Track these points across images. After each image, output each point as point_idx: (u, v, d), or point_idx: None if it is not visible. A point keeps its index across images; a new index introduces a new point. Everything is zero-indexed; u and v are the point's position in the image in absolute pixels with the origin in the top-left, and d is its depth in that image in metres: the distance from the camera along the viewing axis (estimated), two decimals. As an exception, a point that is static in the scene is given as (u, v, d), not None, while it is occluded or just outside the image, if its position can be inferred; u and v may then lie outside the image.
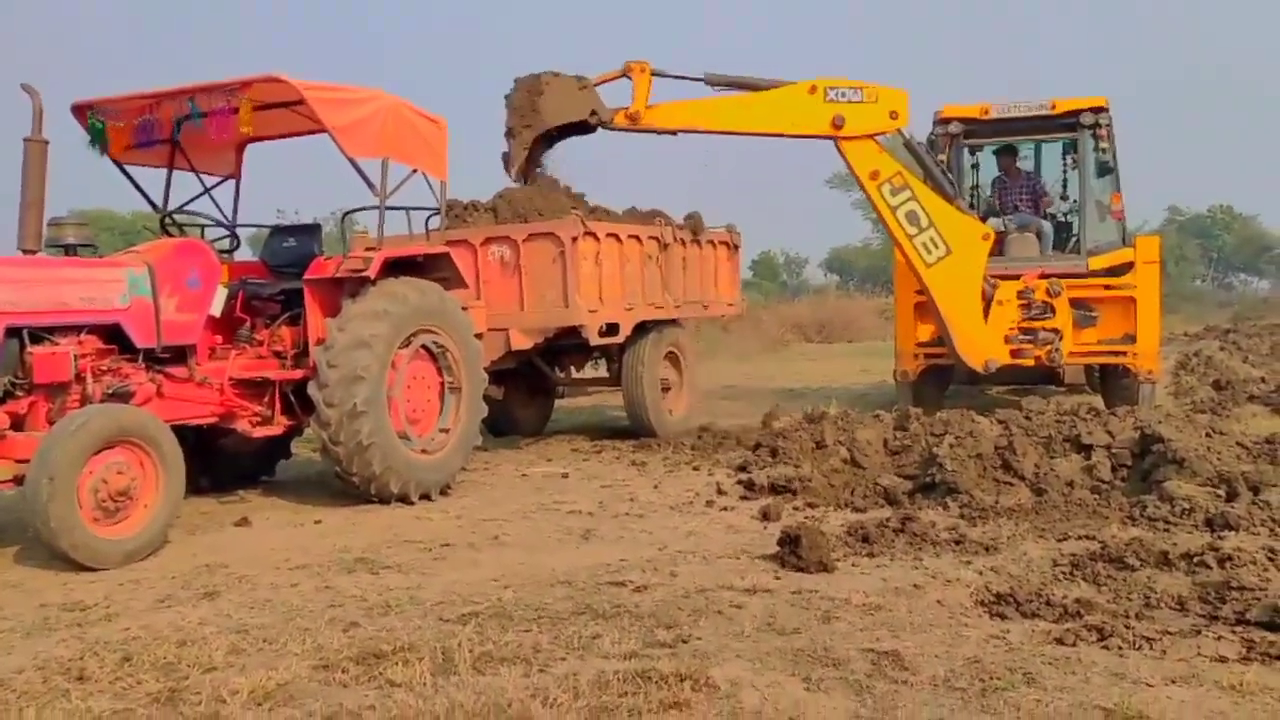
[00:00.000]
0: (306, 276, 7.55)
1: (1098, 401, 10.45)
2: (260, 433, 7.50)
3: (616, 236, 9.75)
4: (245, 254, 8.80)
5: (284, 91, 7.31)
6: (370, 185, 7.59)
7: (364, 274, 7.39)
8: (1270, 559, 4.97)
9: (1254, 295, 41.90)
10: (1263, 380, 11.95)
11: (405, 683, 3.87)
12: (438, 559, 5.91)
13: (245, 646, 4.38)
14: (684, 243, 10.80)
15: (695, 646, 4.22)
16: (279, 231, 8.71)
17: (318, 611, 4.87)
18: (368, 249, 7.74)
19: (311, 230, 8.61)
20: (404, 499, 7.47)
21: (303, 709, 3.67)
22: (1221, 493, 6.36)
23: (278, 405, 7.52)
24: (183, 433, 6.71)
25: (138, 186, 8.02)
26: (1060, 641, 4.14)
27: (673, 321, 10.73)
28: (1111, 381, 10.65)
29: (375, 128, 7.52)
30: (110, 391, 6.54)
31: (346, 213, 9.02)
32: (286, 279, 7.88)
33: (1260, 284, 52.88)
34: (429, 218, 8.56)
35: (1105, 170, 10.65)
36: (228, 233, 8.30)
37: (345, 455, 7.20)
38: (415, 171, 8.02)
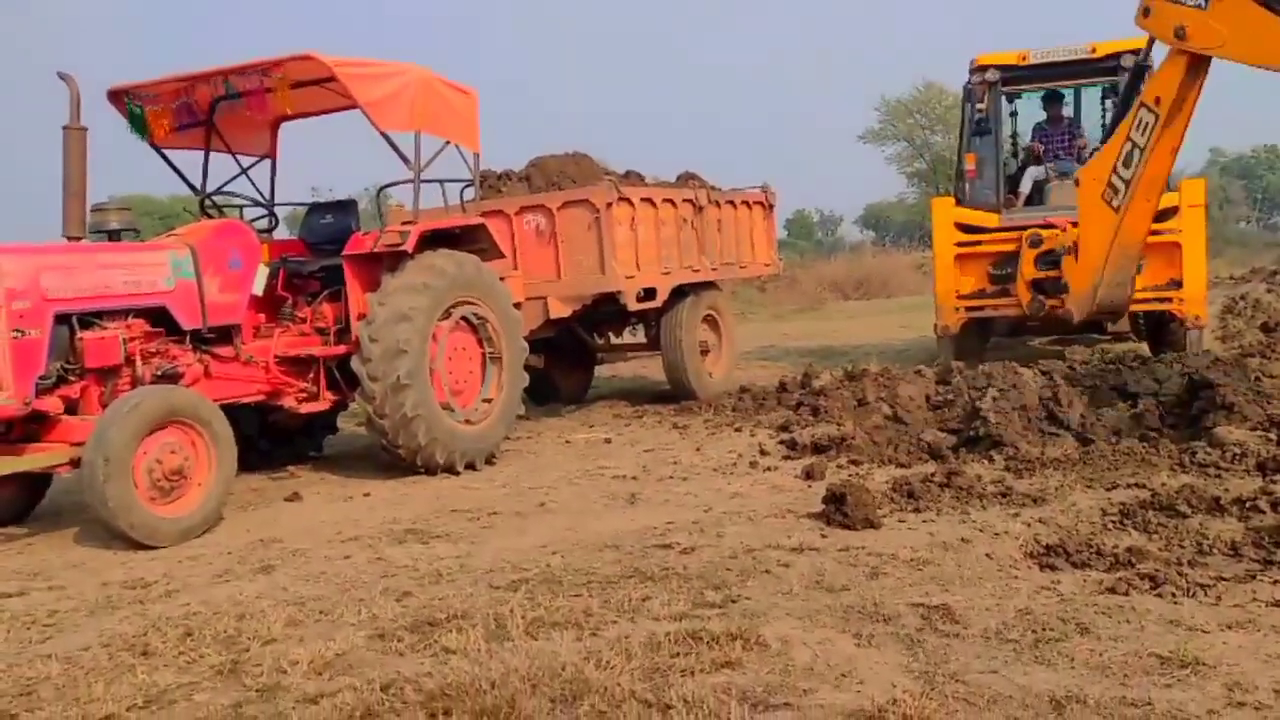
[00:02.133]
0: (345, 252, 7.60)
1: (1144, 349, 10.32)
2: (306, 408, 7.60)
3: (651, 201, 9.72)
4: (283, 232, 8.89)
5: (315, 69, 7.33)
6: (404, 159, 7.61)
7: (402, 248, 7.44)
8: (1325, 502, 4.91)
9: (1301, 235, 41.07)
10: (1313, 321, 11.71)
11: (460, 649, 3.93)
12: (486, 527, 5.97)
13: (302, 618, 4.47)
14: (719, 204, 10.74)
15: (744, 606, 4.24)
16: (316, 209, 8.78)
17: (371, 582, 4.95)
18: (404, 223, 7.78)
19: (348, 206, 8.67)
20: (450, 469, 7.55)
21: (362, 677, 3.74)
22: (1273, 436, 6.27)
23: (322, 381, 7.61)
24: (232, 412, 6.81)
25: (177, 170, 8.10)
26: (1112, 591, 4.12)
27: (710, 284, 10.70)
28: (1158, 328, 10.50)
29: (406, 101, 7.53)
30: (159, 373, 6.65)
31: (382, 187, 9.06)
32: (325, 256, 7.95)
33: (1308, 223, 51.83)
34: (463, 189, 8.58)
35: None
36: (266, 212, 8.37)
37: (391, 428, 7.28)
38: (448, 144, 8.03)
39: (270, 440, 8.28)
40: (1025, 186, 11.05)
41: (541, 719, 3.30)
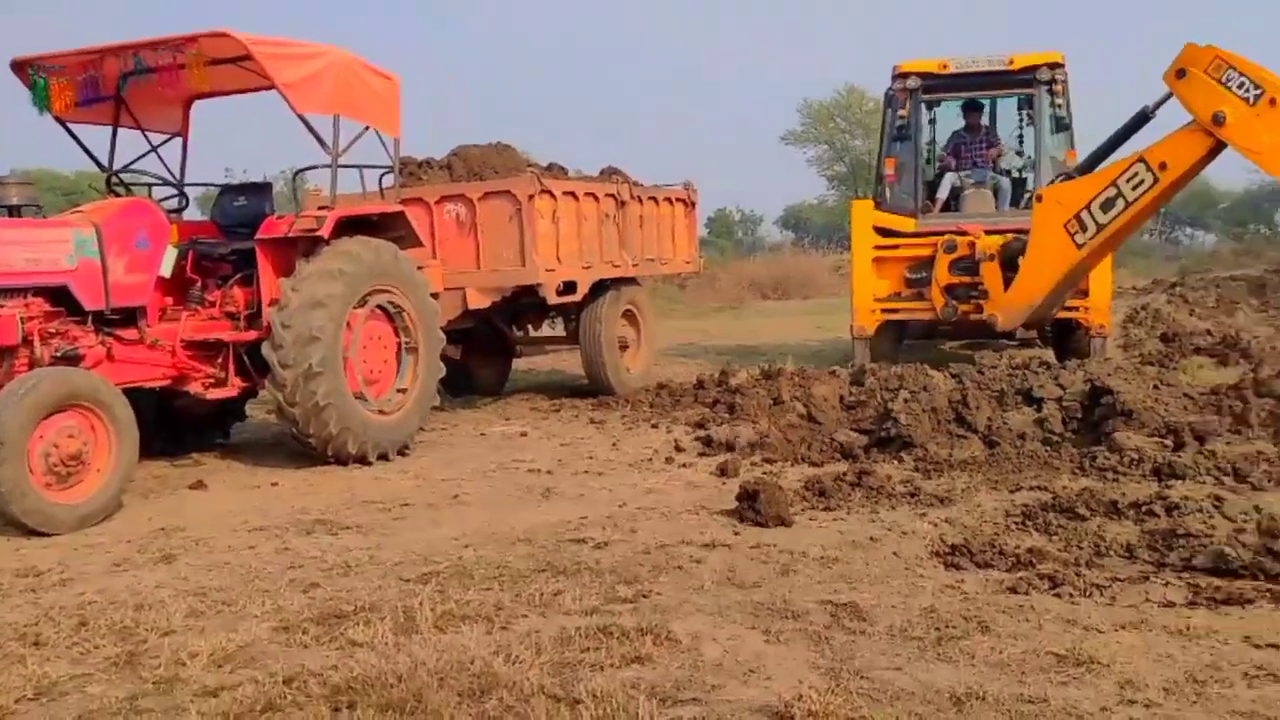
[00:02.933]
0: (258, 236, 7.43)
1: (1049, 355, 10.60)
2: (214, 395, 7.41)
3: (573, 194, 9.68)
4: (194, 214, 8.65)
5: (231, 47, 7.14)
6: (322, 143, 7.47)
7: (317, 233, 7.30)
8: (1215, 507, 5.09)
9: (1200, 249, 42.56)
10: (1208, 333, 12.14)
11: (367, 642, 3.88)
12: (397, 519, 5.90)
13: (204, 609, 4.36)
14: (641, 200, 10.75)
15: (656, 601, 4.26)
16: (229, 190, 8.56)
17: (277, 573, 4.85)
18: (321, 208, 7.63)
19: (262, 189, 8.47)
20: (362, 460, 7.44)
21: (264, 670, 3.66)
22: (1169, 443, 6.49)
23: (231, 367, 7.43)
24: (135, 396, 6.62)
25: (82, 145, 7.84)
26: (1013, 590, 4.23)
27: (630, 280, 10.70)
28: (1064, 335, 10.79)
29: (326, 84, 7.39)
30: (59, 354, 6.42)
31: (298, 171, 8.89)
32: (237, 239, 7.76)
33: (1207, 238, 53.66)
34: (382, 176, 8.46)
35: (1060, 126, 10.72)
36: (176, 192, 8.14)
37: (301, 416, 7.15)
38: (368, 129, 7.91)
39: (175, 426, 8.06)
40: (942, 193, 11.27)
41: (449, 713, 3.26)
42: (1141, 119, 8.47)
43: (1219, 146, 7.83)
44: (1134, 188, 8.19)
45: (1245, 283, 20.36)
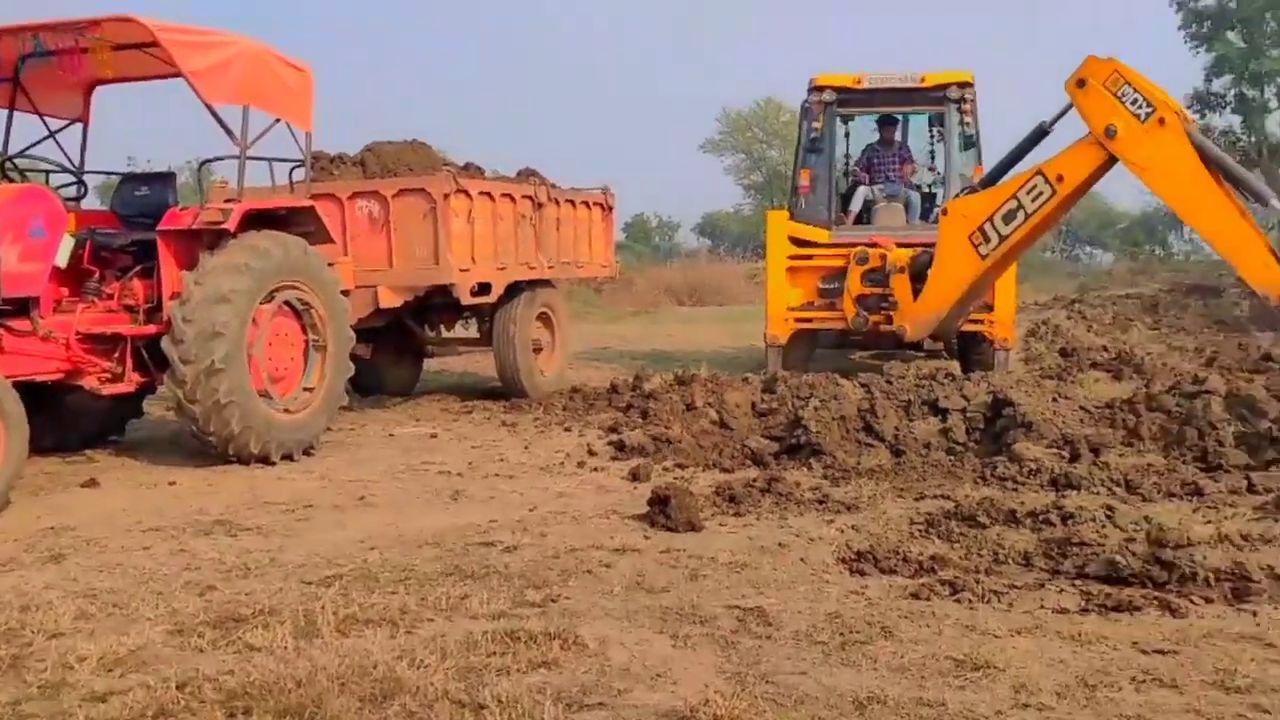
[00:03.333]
0: (161, 227, 7.23)
1: (955, 367, 10.84)
2: (110, 390, 7.18)
3: (489, 195, 9.61)
4: (93, 202, 8.38)
5: (136, 32, 6.95)
6: (230, 134, 7.31)
7: (223, 226, 7.12)
8: (1108, 516, 5.24)
9: (1099, 267, 43.97)
10: (1104, 348, 12.53)
11: (265, 647, 3.79)
12: (300, 520, 5.78)
13: (94, 611, 4.22)
14: (558, 203, 10.72)
15: (564, 606, 4.24)
16: (130, 179, 8.31)
17: (172, 575, 4.72)
18: (227, 200, 7.45)
19: (166, 179, 8.24)
20: (264, 459, 7.27)
21: (156, 675, 3.55)
22: (1065, 454, 6.68)
23: (129, 362, 7.20)
24: (27, 390, 6.37)
25: (-26, 127, 7.54)
26: (915, 596, 4.30)
27: (546, 282, 10.66)
28: (969, 348, 11.03)
29: (235, 73, 7.23)
30: (-55, 345, 6.16)
31: (204, 162, 8.65)
32: (138, 229, 7.53)
33: (1105, 257, 55.45)
34: (293, 170, 8.29)
35: (969, 144, 10.97)
36: (74, 179, 7.89)
37: (202, 414, 6.96)
38: (278, 121, 7.75)
39: (68, 422, 7.78)
40: (855, 205, 11.46)
41: (349, 718, 3.20)
42: (1039, 134, 8.76)
43: (1112, 159, 8.13)
44: (1033, 199, 8.48)
45: (1139, 301, 21.10)
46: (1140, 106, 7.80)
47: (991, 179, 9.04)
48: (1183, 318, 18.15)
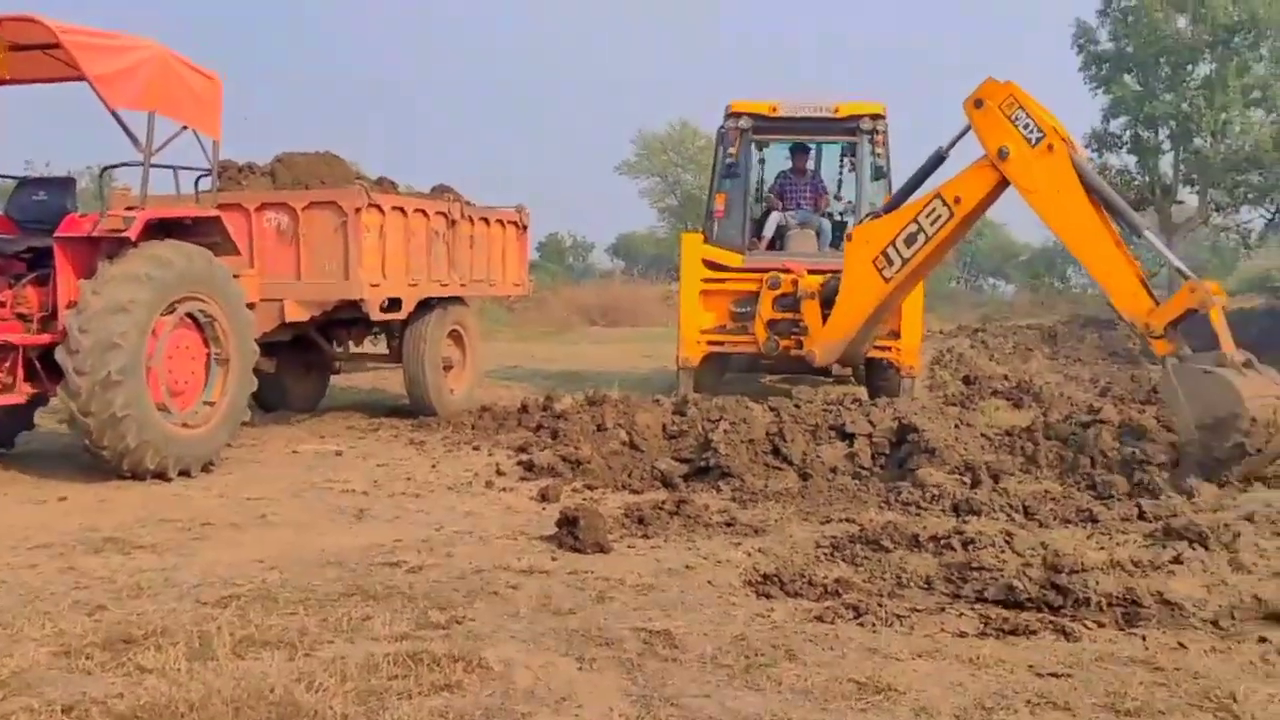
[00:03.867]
0: (58, 234, 7.00)
1: (862, 392, 11.02)
2: (-1, 401, 6.91)
3: (402, 210, 9.51)
4: (-14, 206, 8.07)
5: (38, 33, 6.74)
6: (134, 140, 7.12)
7: (124, 234, 6.92)
8: (1007, 542, 5.37)
9: (1001, 298, 45.25)
10: (1005, 377, 12.87)
11: (157, 669, 3.67)
12: (197, 539, 5.62)
13: (-25, 632, 4.03)
14: (472, 220, 10.66)
15: (469, 628, 4.18)
16: (27, 184, 8.04)
17: (60, 594, 4.54)
18: (129, 208, 7.25)
19: (65, 184, 7.99)
20: (161, 475, 7.05)
21: (41, 698, 3.41)
22: (967, 480, 6.83)
23: (20, 371, 6.94)
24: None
25: None
26: (820, 619, 4.35)
27: (458, 299, 10.58)
28: (876, 374, 11.24)
29: (142, 79, 7.05)
30: None
31: (106, 168, 8.41)
32: (34, 235, 7.28)
33: (1007, 288, 57.09)
34: (199, 179, 8.11)
35: (879, 174, 11.21)
36: (-33, 182, 7.60)
37: (96, 427, 6.73)
38: (185, 129, 7.58)
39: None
40: (769, 231, 11.62)
41: (242, 744, 3.11)
42: (937, 159, 9.02)
43: (1005, 182, 8.40)
44: (933, 222, 8.73)
45: (1039, 331, 21.75)
46: (1031, 131, 8.07)
47: (893, 204, 9.26)
48: (1079, 349, 18.78)
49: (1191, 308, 7.34)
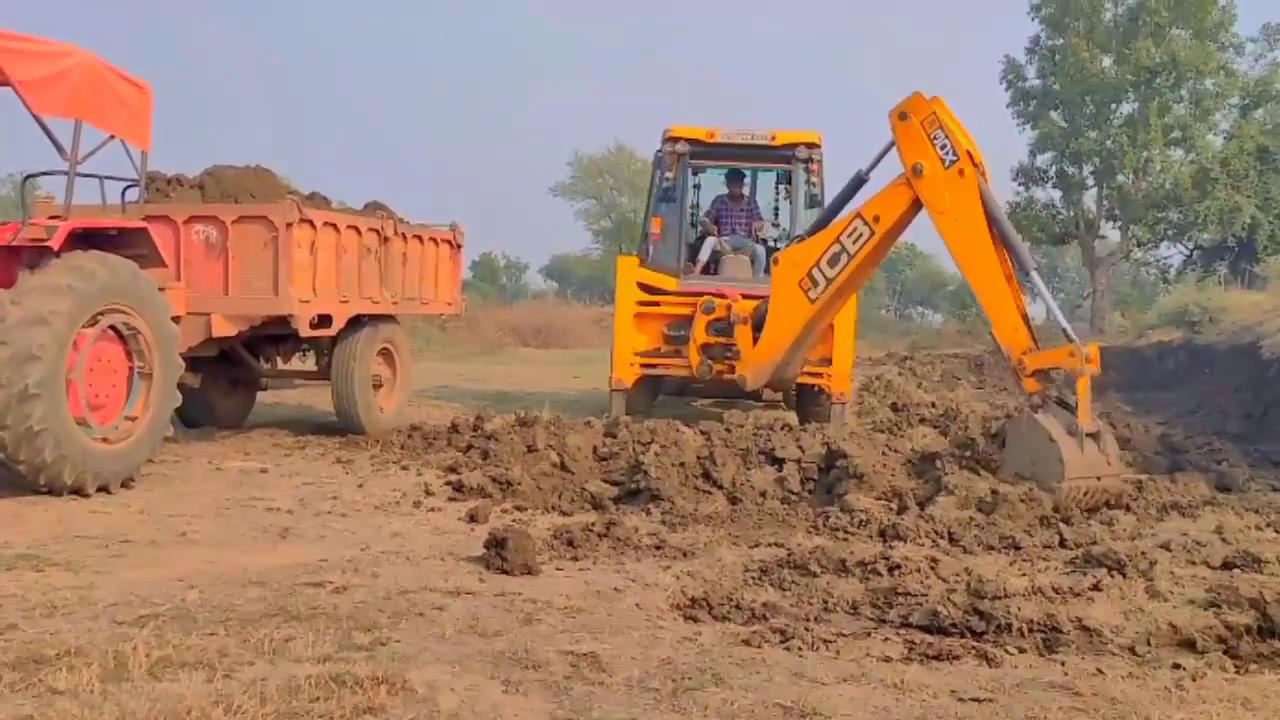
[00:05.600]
0: (-24, 242, 6.80)
1: (792, 418, 11.12)
2: (-91, 412, 6.67)
3: (334, 226, 9.42)
4: (-99, 211, 7.82)
5: (-40, 35, 6.56)
6: (59, 148, 6.96)
7: (46, 244, 6.75)
8: (932, 567, 5.45)
9: (930, 327, 46.04)
10: (933, 404, 13.08)
11: (69, 690, 3.56)
12: (114, 556, 5.47)
13: (-125, 652, 3.88)
14: (405, 238, 10.59)
15: (394, 649, 4.13)
16: (-55, 189, 7.81)
17: (-32, 613, 4.38)
18: (52, 217, 7.08)
19: (-15, 191, 7.78)
20: (79, 491, 6.86)
21: (-57, 722, 3.29)
22: (894, 506, 6.93)
23: (-68, 383, 6.71)
24: None
25: None
26: (747, 643, 4.36)
27: (389, 317, 10.48)
28: (807, 400, 11.36)
29: (68, 85, 6.90)
30: None
31: (28, 176, 8.20)
32: (-49, 243, 7.07)
33: (935, 317, 58.17)
34: (126, 189, 7.95)
35: (814, 202, 11.35)
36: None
37: (12, 441, 6.53)
38: (113, 138, 7.43)
39: None
40: (704, 255, 11.71)
41: (156, 769, 3.03)
42: (858, 182, 9.20)
43: (919, 200, 8.57)
44: (854, 241, 8.89)
45: (966, 360, 22.14)
46: (947, 152, 8.25)
47: (817, 227, 9.41)
48: (1005, 377, 19.12)
49: (1061, 367, 7.57)
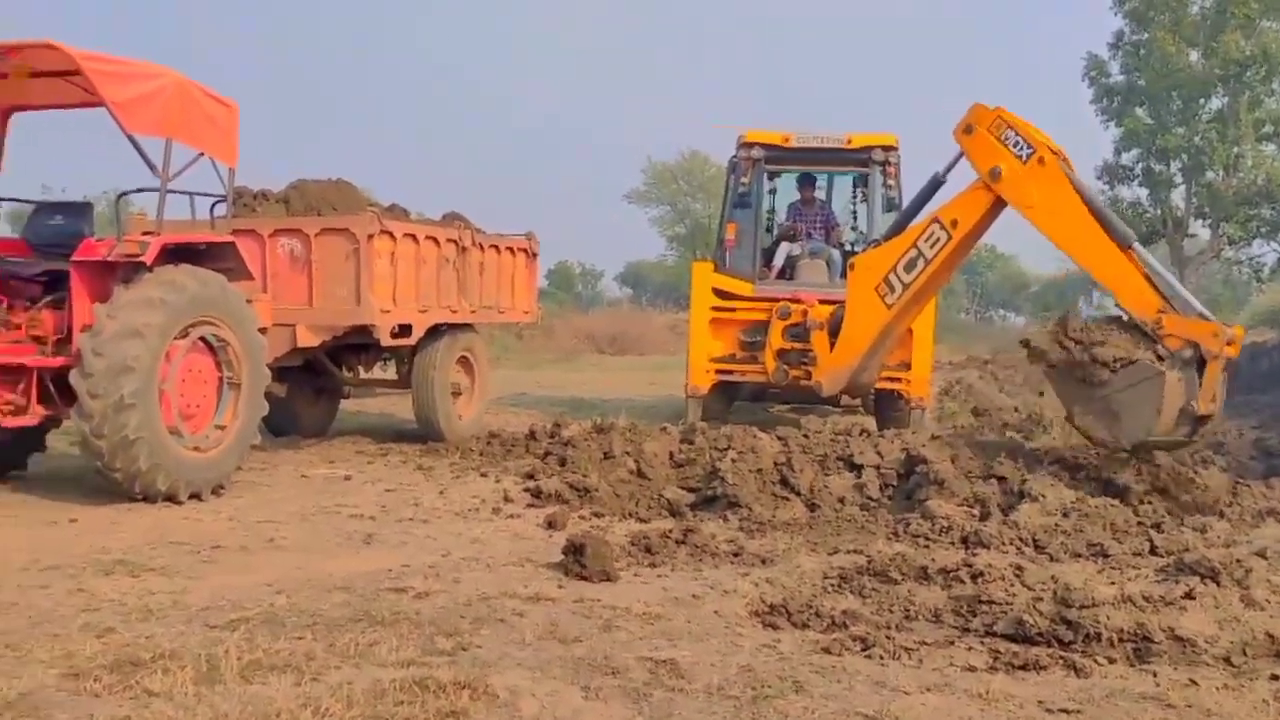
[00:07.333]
0: (75, 258, 7.05)
1: (870, 423, 11.00)
2: (12, 423, 6.94)
3: (414, 236, 9.58)
4: (4, 230, 8.17)
5: (58, 59, 6.83)
6: (151, 166, 7.18)
7: (140, 259, 6.97)
8: (1016, 575, 5.35)
9: (1012, 329, 45.21)
10: (1016, 409, 12.85)
11: (164, 692, 3.67)
12: (206, 562, 5.63)
13: (-16, 654, 4.04)
14: (482, 247, 10.72)
15: (475, 654, 4.18)
16: (45, 209, 8.11)
17: (69, 616, 4.55)
18: (145, 233, 7.31)
19: (81, 209, 8.06)
20: (172, 498, 7.07)
21: (47, 721, 3.41)
22: (976, 512, 6.81)
23: (34, 393, 6.98)
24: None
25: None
26: (827, 651, 4.33)
27: (467, 326, 10.62)
28: (885, 405, 11.23)
29: (159, 105, 7.13)
30: None
31: (123, 193, 8.46)
32: (51, 259, 7.34)
33: (1017, 319, 57.08)
34: (214, 205, 8.17)
35: (891, 206, 11.22)
36: (-15, 206, 7.67)
37: (109, 450, 6.76)
38: (201, 155, 7.65)
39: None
40: (779, 260, 11.66)
41: (248, 769, 3.11)
42: (935, 184, 9.06)
43: (1001, 201, 8.42)
44: (931, 246, 8.76)
45: (1050, 364, 21.64)
46: (1021, 149, 8.11)
47: (893, 231, 9.29)
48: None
49: (1200, 343, 7.27)
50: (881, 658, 4.25)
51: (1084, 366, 7.42)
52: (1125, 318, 7.64)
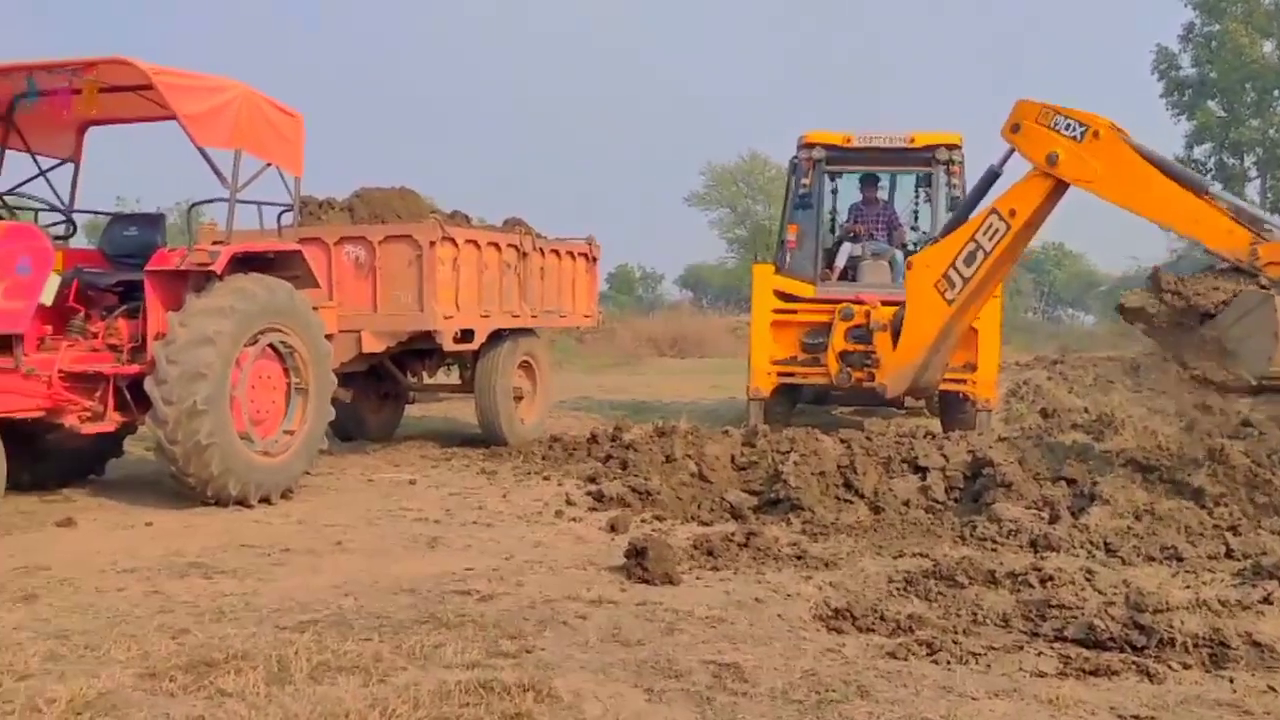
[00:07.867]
0: (148, 268, 7.23)
1: (935, 425, 10.87)
2: (90, 429, 7.13)
3: (475, 243, 9.67)
4: (82, 241, 8.40)
5: (131, 75, 7.01)
6: (220, 177, 7.34)
7: (210, 268, 7.13)
8: (1087, 579, 5.25)
9: (1081, 329, 44.32)
10: (1085, 410, 12.59)
11: (237, 692, 3.74)
12: (276, 564, 5.73)
13: (64, 653, 4.16)
14: (543, 252, 10.79)
15: (539, 657, 4.21)
16: (119, 220, 8.34)
17: (145, 617, 4.66)
18: (215, 242, 7.48)
19: (154, 220, 8.27)
20: (242, 502, 7.22)
21: (125, 719, 3.50)
22: (1044, 515, 6.69)
23: (110, 401, 7.17)
24: (4, 427, 6.33)
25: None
26: (893, 655, 4.29)
27: (528, 330, 10.69)
28: (951, 407, 11.08)
29: (228, 118, 7.28)
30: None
31: (194, 204, 8.67)
32: (126, 269, 7.54)
33: (1086, 318, 55.98)
34: (281, 214, 8.33)
35: (955, 205, 11.09)
36: (63, 218, 7.91)
37: (182, 455, 6.92)
38: (269, 165, 7.80)
39: (47, 460, 7.70)
40: (840, 261, 11.56)
41: (318, 769, 3.16)
42: (991, 177, 8.94)
43: (1059, 186, 8.29)
44: (990, 238, 8.64)
45: (1121, 363, 21.20)
46: (1074, 130, 8.01)
47: (950, 227, 9.18)
48: (1164, 381, 18.27)
49: None
50: (948, 663, 4.20)
51: (1186, 314, 7.22)
52: (1217, 265, 7.44)
